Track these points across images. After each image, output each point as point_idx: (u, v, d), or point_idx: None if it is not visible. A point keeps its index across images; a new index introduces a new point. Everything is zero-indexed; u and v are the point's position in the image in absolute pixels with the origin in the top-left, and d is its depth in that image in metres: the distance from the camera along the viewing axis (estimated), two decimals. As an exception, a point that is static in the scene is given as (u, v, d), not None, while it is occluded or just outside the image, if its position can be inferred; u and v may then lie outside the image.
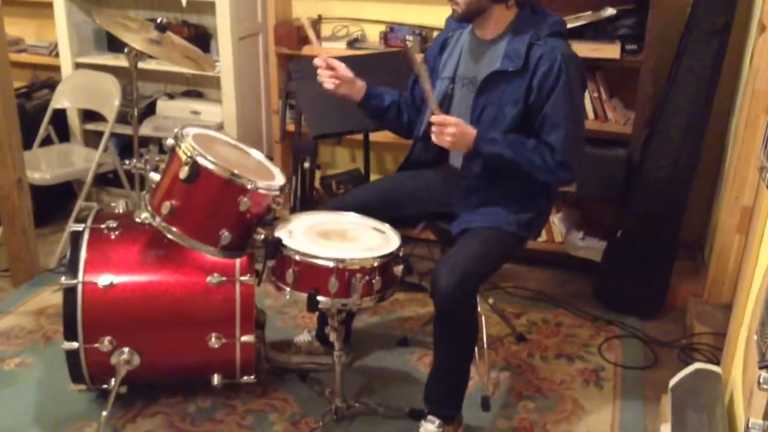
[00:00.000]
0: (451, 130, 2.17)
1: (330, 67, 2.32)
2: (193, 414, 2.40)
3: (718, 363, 2.37)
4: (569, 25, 2.55)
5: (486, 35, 2.30)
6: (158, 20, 2.40)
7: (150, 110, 3.79)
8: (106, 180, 3.85)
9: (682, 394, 2.09)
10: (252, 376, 2.38)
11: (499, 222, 2.25)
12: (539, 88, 2.19)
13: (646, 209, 2.97)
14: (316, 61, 2.33)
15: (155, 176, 2.18)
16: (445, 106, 2.39)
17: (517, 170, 2.23)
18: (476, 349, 2.37)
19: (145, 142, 3.60)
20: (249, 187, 2.08)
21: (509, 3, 2.23)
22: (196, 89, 3.94)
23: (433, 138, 2.20)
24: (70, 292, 2.19)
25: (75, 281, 2.19)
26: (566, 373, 2.67)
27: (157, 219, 2.12)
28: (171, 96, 3.87)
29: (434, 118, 2.18)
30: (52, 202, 3.71)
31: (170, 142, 2.13)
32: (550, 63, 2.17)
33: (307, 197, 3.46)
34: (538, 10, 2.28)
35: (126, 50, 2.35)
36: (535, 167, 2.22)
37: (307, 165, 3.41)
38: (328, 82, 2.33)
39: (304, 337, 2.65)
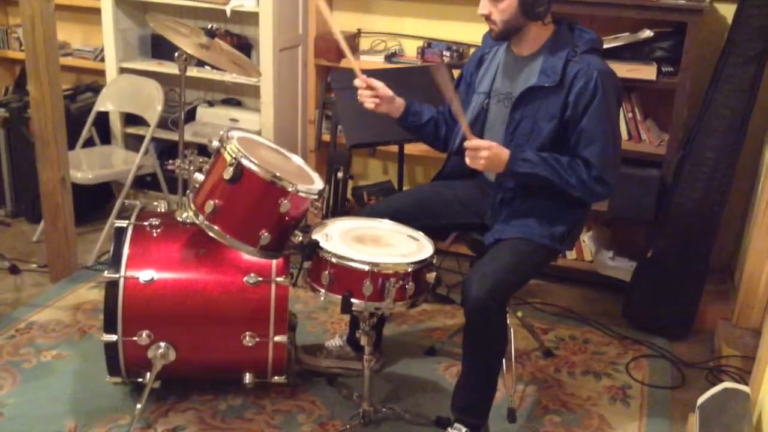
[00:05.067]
0: (484, 153, 2.18)
1: (370, 87, 2.37)
2: (223, 411, 2.45)
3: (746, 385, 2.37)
4: (607, 45, 2.60)
5: (522, 52, 2.34)
6: (209, 26, 2.48)
7: (190, 116, 3.88)
8: (144, 183, 3.94)
9: (710, 412, 2.09)
10: (283, 377, 2.42)
11: (532, 233, 2.28)
12: (575, 103, 2.22)
13: (678, 231, 2.98)
14: (357, 82, 2.38)
15: (199, 176, 2.25)
16: (481, 120, 2.44)
17: (551, 187, 2.26)
18: (503, 361, 2.40)
19: (184, 146, 3.70)
20: (290, 189, 2.14)
21: (546, 20, 2.28)
22: (235, 98, 4.03)
23: (467, 161, 2.22)
24: (111, 286, 2.26)
25: (117, 275, 2.26)
26: (593, 390, 2.68)
27: (200, 217, 2.19)
28: (211, 103, 3.97)
29: (467, 143, 2.20)
30: (91, 202, 3.80)
31: (216, 143, 2.20)
32: (586, 79, 2.20)
33: (339, 207, 3.52)
34: (575, 27, 2.32)
35: (176, 54, 2.42)
36: (570, 185, 2.24)
37: (340, 175, 3.47)
38: (368, 101, 2.39)
39: (335, 342, 2.69)
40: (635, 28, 3.10)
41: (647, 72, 3.01)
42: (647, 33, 3.05)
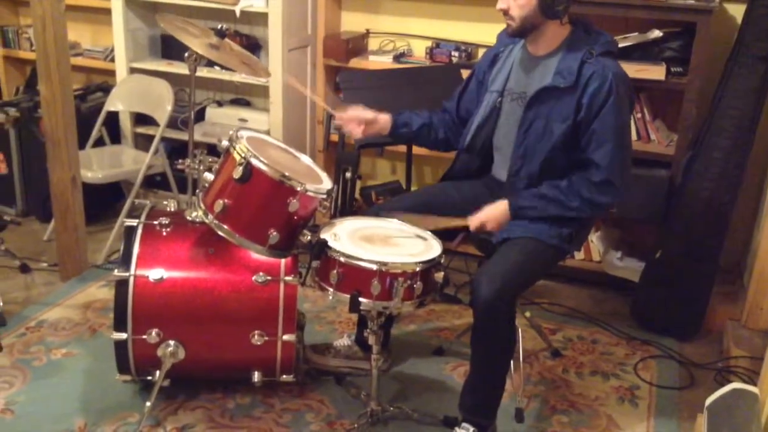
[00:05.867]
0: (488, 226, 2.32)
1: (349, 120, 2.44)
2: (232, 410, 2.46)
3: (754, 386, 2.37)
4: (615, 45, 2.59)
5: (538, 51, 2.34)
6: (219, 26, 2.49)
7: (199, 116, 3.90)
8: (153, 182, 3.96)
9: (719, 413, 2.09)
10: (291, 375, 2.43)
11: (540, 233, 2.28)
12: (589, 105, 2.22)
13: (687, 231, 2.97)
14: (336, 123, 2.48)
15: (209, 176, 2.26)
16: (493, 119, 2.44)
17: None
18: (512, 361, 2.40)
19: (194, 146, 3.72)
20: (299, 189, 2.15)
21: (563, 20, 2.28)
22: (244, 98, 4.05)
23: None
24: (121, 285, 2.27)
25: (127, 274, 2.27)
26: (601, 390, 2.68)
27: (210, 217, 2.20)
28: (220, 103, 3.99)
29: (472, 229, 2.34)
30: (101, 201, 3.82)
31: (225, 143, 2.21)
32: (600, 81, 2.20)
33: (347, 207, 3.52)
34: (591, 29, 2.32)
35: (186, 54, 2.44)
36: (575, 209, 2.27)
37: (348, 175, 3.47)
38: (356, 132, 2.45)
39: (343, 341, 2.70)
40: (644, 28, 3.10)
41: (656, 72, 3.01)
42: (656, 33, 3.05)
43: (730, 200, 2.93)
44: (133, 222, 2.39)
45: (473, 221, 2.33)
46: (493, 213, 2.32)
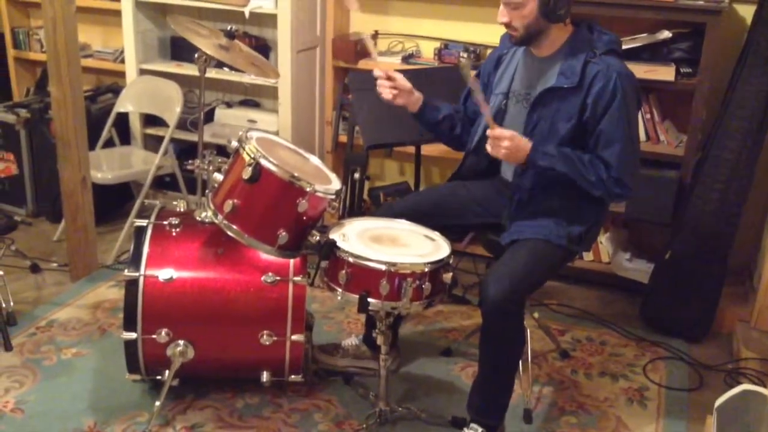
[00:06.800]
0: (506, 143, 2.20)
1: (389, 78, 2.39)
2: (241, 409, 2.47)
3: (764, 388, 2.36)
4: (625, 46, 2.59)
5: (542, 52, 2.34)
6: (229, 28, 2.50)
7: (208, 117, 3.91)
8: (163, 183, 3.98)
9: (728, 414, 2.08)
10: (300, 375, 2.43)
11: (549, 234, 2.28)
12: (594, 105, 2.22)
13: (696, 232, 2.97)
14: (376, 72, 2.40)
15: (219, 176, 2.27)
16: (498, 121, 2.43)
17: (570, 183, 2.25)
18: (520, 362, 2.40)
19: (203, 147, 3.73)
20: (308, 189, 2.16)
21: (566, 22, 2.28)
22: (253, 99, 4.06)
23: (489, 149, 2.23)
24: (131, 285, 2.28)
25: (137, 274, 2.28)
26: (610, 391, 2.67)
27: (219, 217, 2.21)
28: (229, 104, 4.00)
29: (490, 132, 2.22)
30: (110, 202, 3.84)
31: (235, 144, 2.23)
32: (605, 81, 2.20)
33: (356, 207, 3.53)
34: (594, 28, 2.32)
35: (197, 55, 2.45)
36: (589, 182, 2.24)
37: (357, 176, 3.48)
38: (386, 92, 2.40)
39: (351, 341, 2.70)
40: (653, 29, 3.09)
41: (665, 73, 3.01)
42: (665, 34, 3.04)
43: (739, 201, 2.92)
44: (142, 222, 2.40)
45: (498, 130, 2.20)
46: (516, 140, 2.22)
